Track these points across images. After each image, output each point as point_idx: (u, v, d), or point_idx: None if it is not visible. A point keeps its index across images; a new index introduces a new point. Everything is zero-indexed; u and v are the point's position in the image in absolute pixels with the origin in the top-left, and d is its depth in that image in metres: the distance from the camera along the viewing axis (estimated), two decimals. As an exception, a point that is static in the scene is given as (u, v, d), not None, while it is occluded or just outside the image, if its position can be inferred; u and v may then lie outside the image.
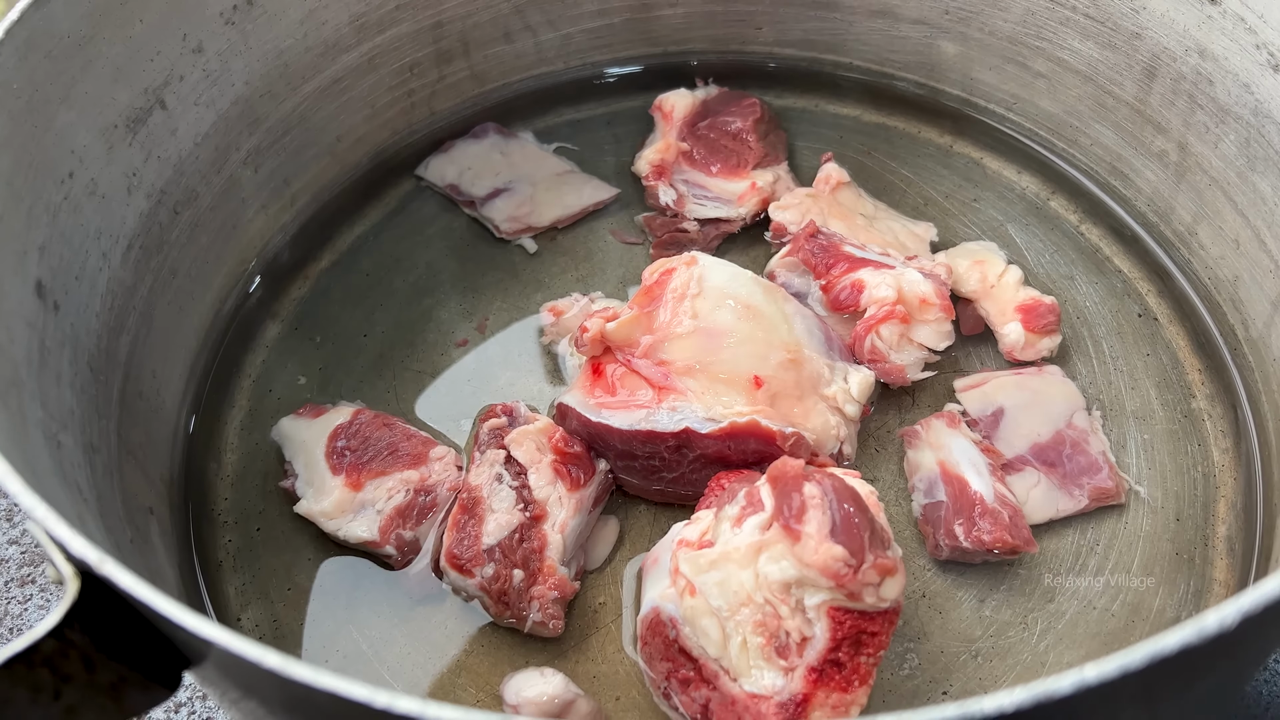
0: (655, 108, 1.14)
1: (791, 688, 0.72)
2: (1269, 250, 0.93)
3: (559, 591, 0.82)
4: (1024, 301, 0.97)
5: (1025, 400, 0.93)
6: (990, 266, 0.99)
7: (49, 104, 0.81)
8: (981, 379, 0.95)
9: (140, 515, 0.84)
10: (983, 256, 1.00)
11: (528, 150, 1.14)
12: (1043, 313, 0.96)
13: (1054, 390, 0.94)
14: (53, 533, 0.52)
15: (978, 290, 0.98)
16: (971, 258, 1.00)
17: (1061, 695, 0.43)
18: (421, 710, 0.44)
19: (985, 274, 0.99)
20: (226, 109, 0.99)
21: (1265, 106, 0.90)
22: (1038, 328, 0.95)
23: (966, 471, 0.87)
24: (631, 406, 0.86)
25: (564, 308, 0.99)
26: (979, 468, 0.87)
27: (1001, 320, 0.97)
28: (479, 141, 1.15)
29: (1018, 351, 0.96)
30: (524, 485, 0.85)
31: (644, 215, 1.09)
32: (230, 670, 0.54)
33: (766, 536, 0.74)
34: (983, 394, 0.93)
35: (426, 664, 0.83)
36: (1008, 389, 0.94)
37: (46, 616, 0.52)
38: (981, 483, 0.86)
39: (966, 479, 0.87)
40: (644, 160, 1.10)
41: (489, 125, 1.16)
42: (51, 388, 0.76)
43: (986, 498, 0.85)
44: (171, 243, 0.96)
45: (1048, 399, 0.93)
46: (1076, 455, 0.90)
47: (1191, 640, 0.45)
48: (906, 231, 1.04)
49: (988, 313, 0.98)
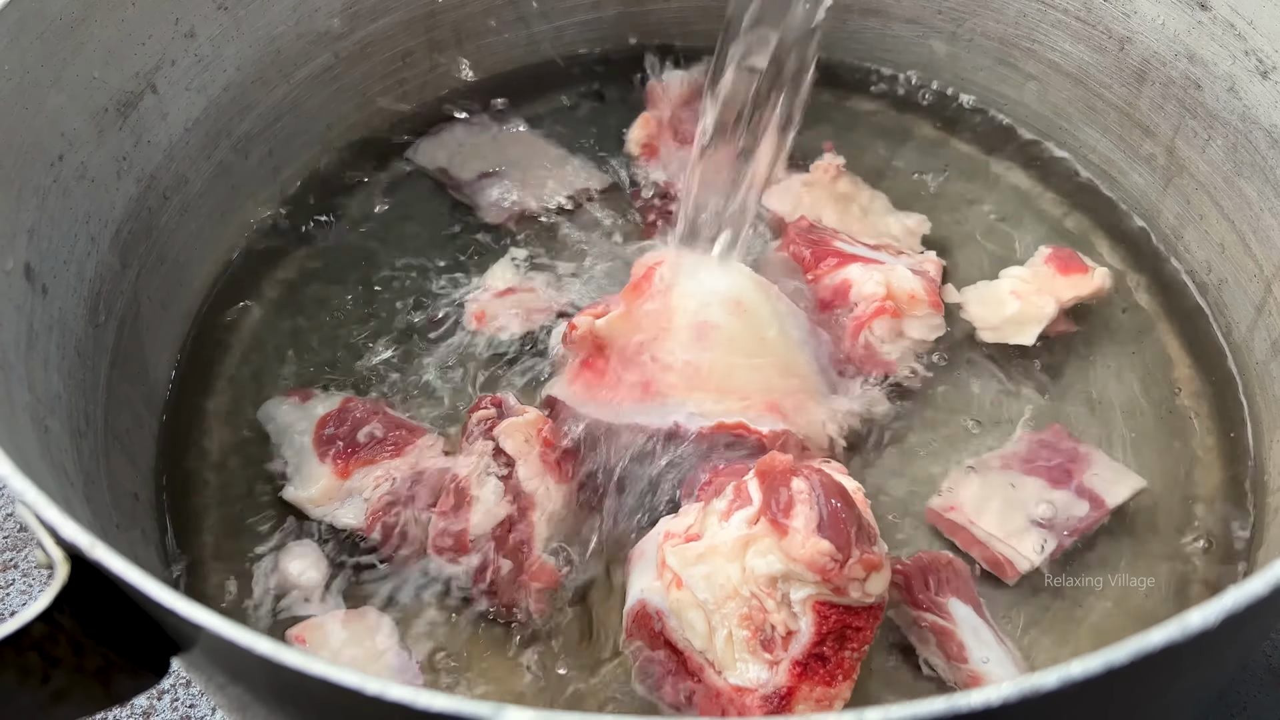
0: (649, 89, 1.13)
1: (776, 681, 0.72)
2: (1254, 255, 0.93)
3: (545, 582, 0.82)
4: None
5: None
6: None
7: (39, 86, 0.80)
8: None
9: (126, 500, 0.84)
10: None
11: (519, 136, 1.14)
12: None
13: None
14: (43, 516, 0.52)
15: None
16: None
17: (1047, 690, 0.44)
18: (413, 698, 0.45)
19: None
20: (218, 95, 0.98)
21: (1253, 112, 0.91)
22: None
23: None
24: (620, 401, 0.86)
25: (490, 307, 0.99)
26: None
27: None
28: (470, 126, 1.14)
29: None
30: (512, 477, 0.85)
31: (631, 192, 1.08)
32: (219, 656, 0.54)
33: (754, 530, 0.75)
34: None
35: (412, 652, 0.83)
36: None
37: (34, 601, 0.52)
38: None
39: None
40: (633, 140, 1.10)
41: (481, 110, 1.15)
42: (39, 372, 0.75)
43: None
44: (160, 228, 0.95)
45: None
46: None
47: (1175, 638, 0.45)
48: (899, 225, 1.04)
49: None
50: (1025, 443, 0.91)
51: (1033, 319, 0.95)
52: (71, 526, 0.51)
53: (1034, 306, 0.95)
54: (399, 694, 0.45)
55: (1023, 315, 0.95)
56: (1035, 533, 0.85)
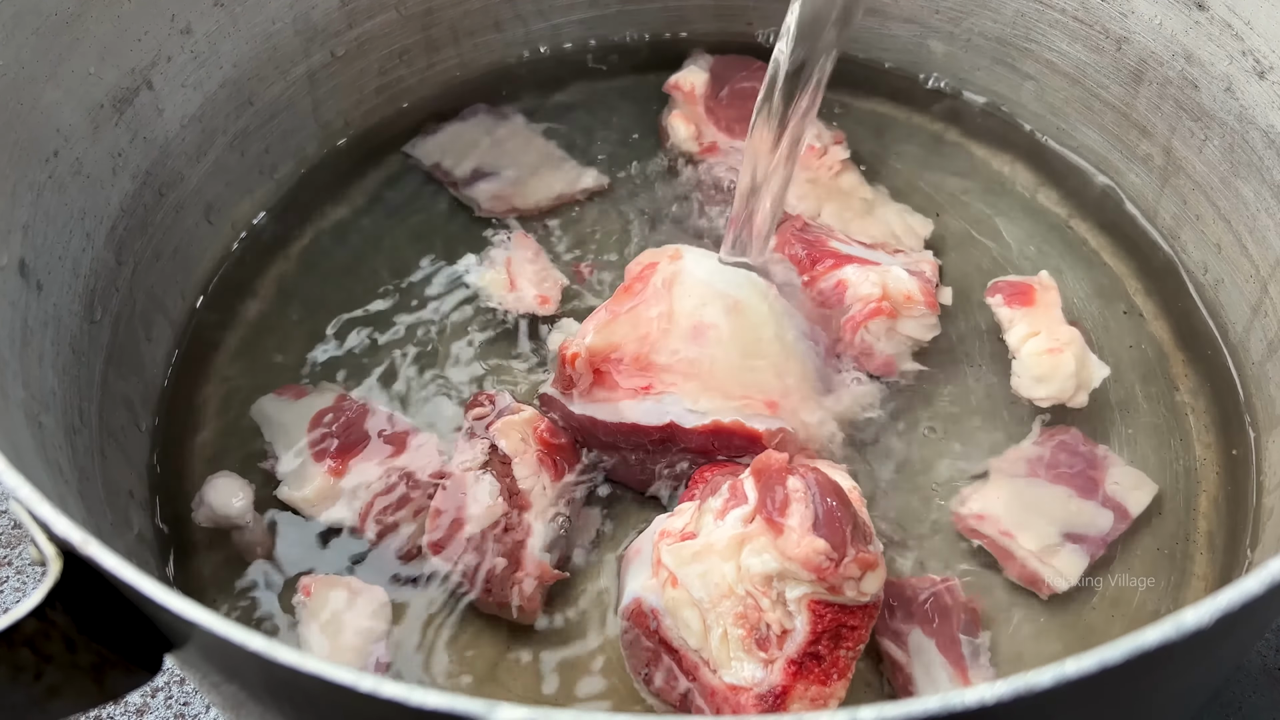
0: (672, 87, 1.12)
1: (771, 679, 0.72)
2: (1250, 255, 0.94)
3: (541, 580, 0.82)
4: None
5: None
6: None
7: (35, 82, 0.80)
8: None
9: (120, 497, 0.84)
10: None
11: (516, 132, 1.14)
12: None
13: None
14: (36, 513, 0.52)
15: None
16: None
17: (1041, 689, 0.44)
18: (406, 695, 0.44)
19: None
20: (214, 91, 0.98)
21: (1249, 112, 0.91)
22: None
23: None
24: (616, 399, 0.86)
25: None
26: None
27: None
28: (466, 122, 1.14)
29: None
30: (508, 475, 0.85)
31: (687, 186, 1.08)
32: (213, 653, 0.54)
33: (749, 529, 0.75)
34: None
35: (407, 650, 0.83)
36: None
37: (25, 598, 0.52)
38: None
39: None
40: (684, 142, 1.09)
41: (479, 106, 1.15)
42: (34, 368, 0.75)
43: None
44: (156, 225, 0.95)
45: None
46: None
47: (1170, 637, 0.45)
48: (903, 223, 1.04)
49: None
50: (1045, 446, 0.90)
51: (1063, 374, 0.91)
52: (64, 523, 0.51)
53: (1056, 366, 0.92)
54: (392, 691, 0.45)
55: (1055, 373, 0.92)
56: (1070, 549, 0.85)
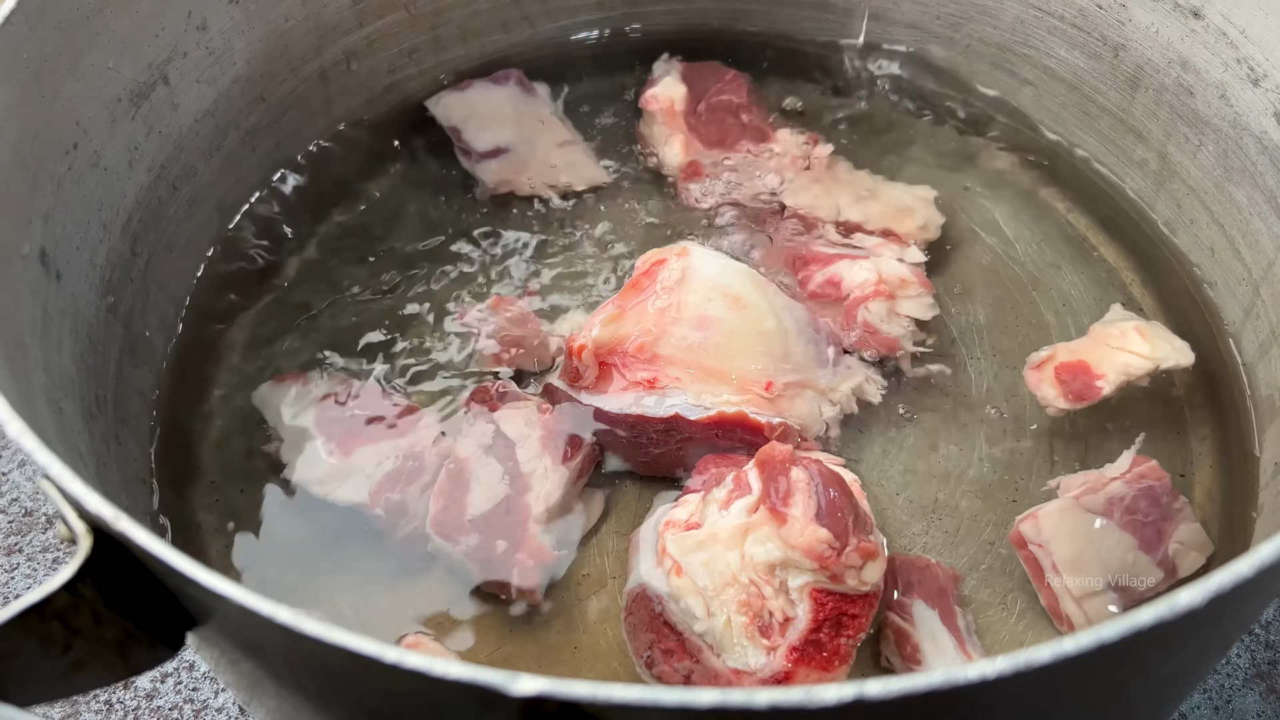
0: (648, 103, 1.12)
1: (773, 666, 0.74)
2: (1243, 259, 0.96)
3: (542, 562, 0.84)
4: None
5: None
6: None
7: (56, 75, 0.81)
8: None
9: (135, 483, 0.85)
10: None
11: (539, 111, 1.13)
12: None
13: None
14: (67, 490, 0.54)
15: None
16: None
17: (1040, 664, 0.46)
18: (429, 665, 0.46)
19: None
20: (228, 87, 1.00)
21: (1243, 119, 0.93)
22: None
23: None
24: (621, 390, 0.88)
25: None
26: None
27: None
28: (497, 88, 1.13)
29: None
30: (511, 458, 0.86)
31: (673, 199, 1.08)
32: (236, 628, 0.55)
33: (753, 519, 0.76)
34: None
35: (409, 628, 0.84)
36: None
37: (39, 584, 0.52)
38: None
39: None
40: (673, 161, 1.09)
41: (511, 72, 1.15)
42: (53, 355, 0.77)
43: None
44: (169, 218, 0.97)
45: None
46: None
47: (1165, 616, 0.47)
48: (910, 195, 1.05)
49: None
50: (1132, 487, 0.86)
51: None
52: (96, 499, 0.53)
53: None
54: (415, 662, 0.46)
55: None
56: (1107, 597, 0.83)
